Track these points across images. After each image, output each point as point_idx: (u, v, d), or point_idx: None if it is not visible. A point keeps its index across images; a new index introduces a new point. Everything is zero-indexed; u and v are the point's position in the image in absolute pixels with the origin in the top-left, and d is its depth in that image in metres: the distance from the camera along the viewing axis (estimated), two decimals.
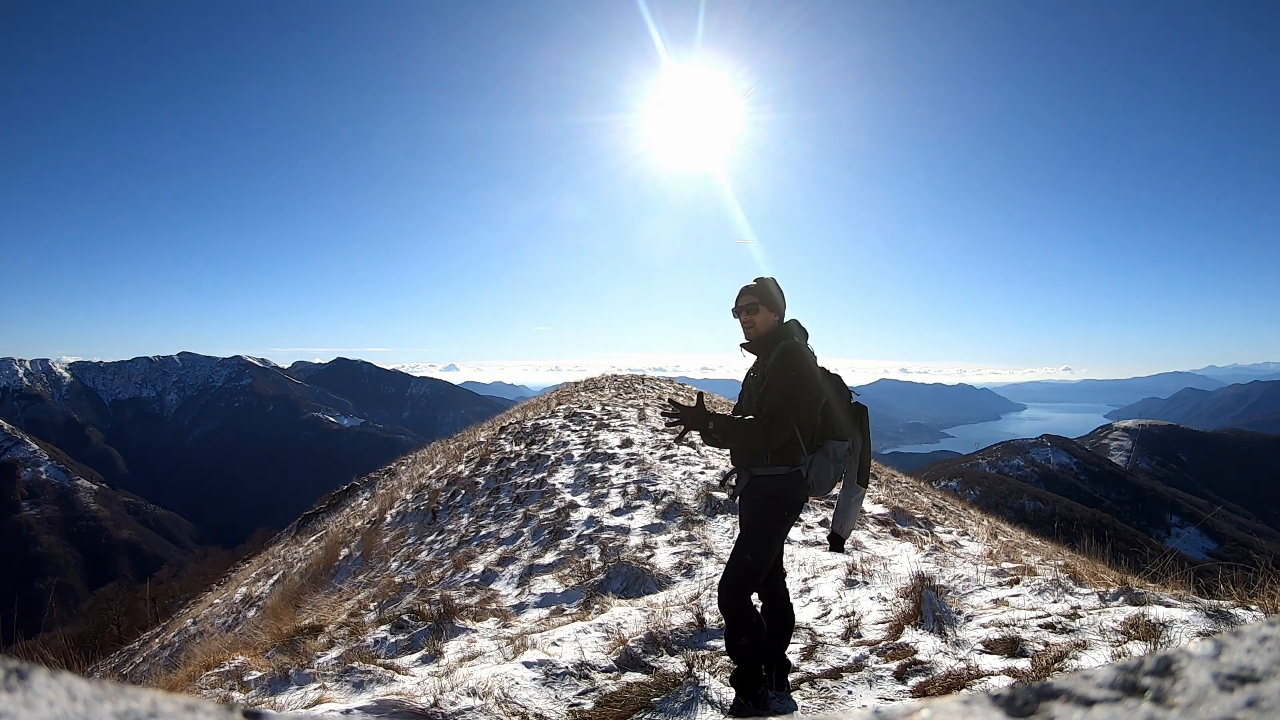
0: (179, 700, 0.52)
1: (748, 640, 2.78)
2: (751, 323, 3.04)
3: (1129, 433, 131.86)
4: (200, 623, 10.03)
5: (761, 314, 3.04)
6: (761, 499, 2.93)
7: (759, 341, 3.04)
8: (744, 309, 3.04)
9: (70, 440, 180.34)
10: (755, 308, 3.03)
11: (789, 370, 2.89)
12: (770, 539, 2.91)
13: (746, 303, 3.04)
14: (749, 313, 3.04)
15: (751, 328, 3.04)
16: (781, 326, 3.07)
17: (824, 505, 7.35)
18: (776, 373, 2.89)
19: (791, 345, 2.95)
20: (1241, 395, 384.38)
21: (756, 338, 3.04)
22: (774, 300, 3.05)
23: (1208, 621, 2.92)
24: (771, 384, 2.89)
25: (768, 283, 3.08)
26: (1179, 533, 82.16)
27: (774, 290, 3.08)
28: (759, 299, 3.04)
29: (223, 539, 48.75)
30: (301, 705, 3.47)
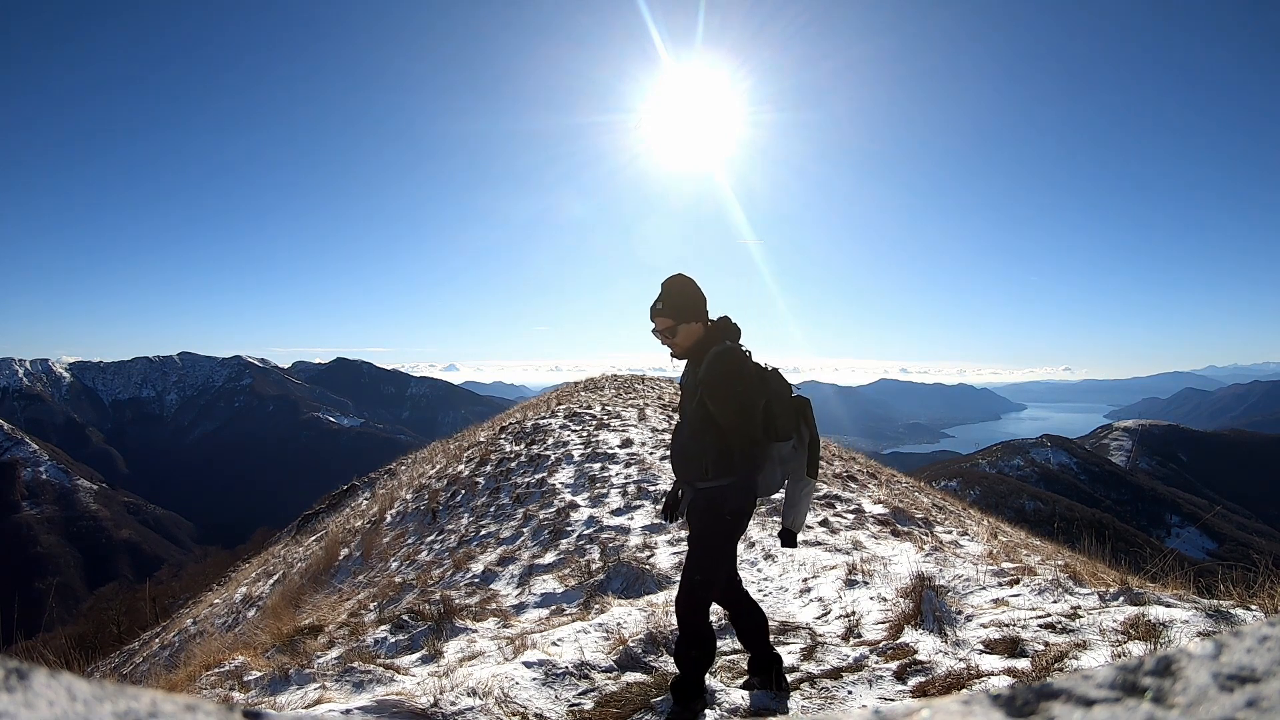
0: (179, 700, 0.52)
1: (698, 653, 2.77)
2: (673, 344, 2.86)
3: (1129, 433, 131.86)
4: (200, 623, 10.03)
5: (681, 332, 2.83)
6: (706, 513, 2.81)
7: (688, 353, 2.88)
8: (662, 333, 2.84)
9: (70, 440, 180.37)
10: (673, 330, 2.82)
11: (726, 377, 2.74)
12: (719, 553, 2.81)
13: (663, 327, 2.83)
14: (669, 336, 2.85)
15: (675, 348, 2.87)
16: (710, 331, 2.88)
17: (824, 505, 7.35)
18: (712, 382, 2.73)
19: (724, 351, 2.78)
20: (1241, 395, 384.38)
21: (684, 352, 2.88)
22: (690, 310, 2.81)
23: (1208, 621, 2.92)
24: (712, 394, 2.72)
25: (678, 294, 2.81)
26: (1179, 533, 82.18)
27: (688, 298, 2.82)
28: (674, 319, 2.81)
29: (223, 539, 48.77)
30: (301, 705, 3.47)
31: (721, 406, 2.72)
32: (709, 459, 2.76)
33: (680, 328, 2.80)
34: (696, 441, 2.78)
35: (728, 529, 2.79)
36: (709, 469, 2.77)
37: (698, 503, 2.83)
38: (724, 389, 2.73)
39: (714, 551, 2.80)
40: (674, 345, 2.85)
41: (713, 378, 2.74)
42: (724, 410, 2.71)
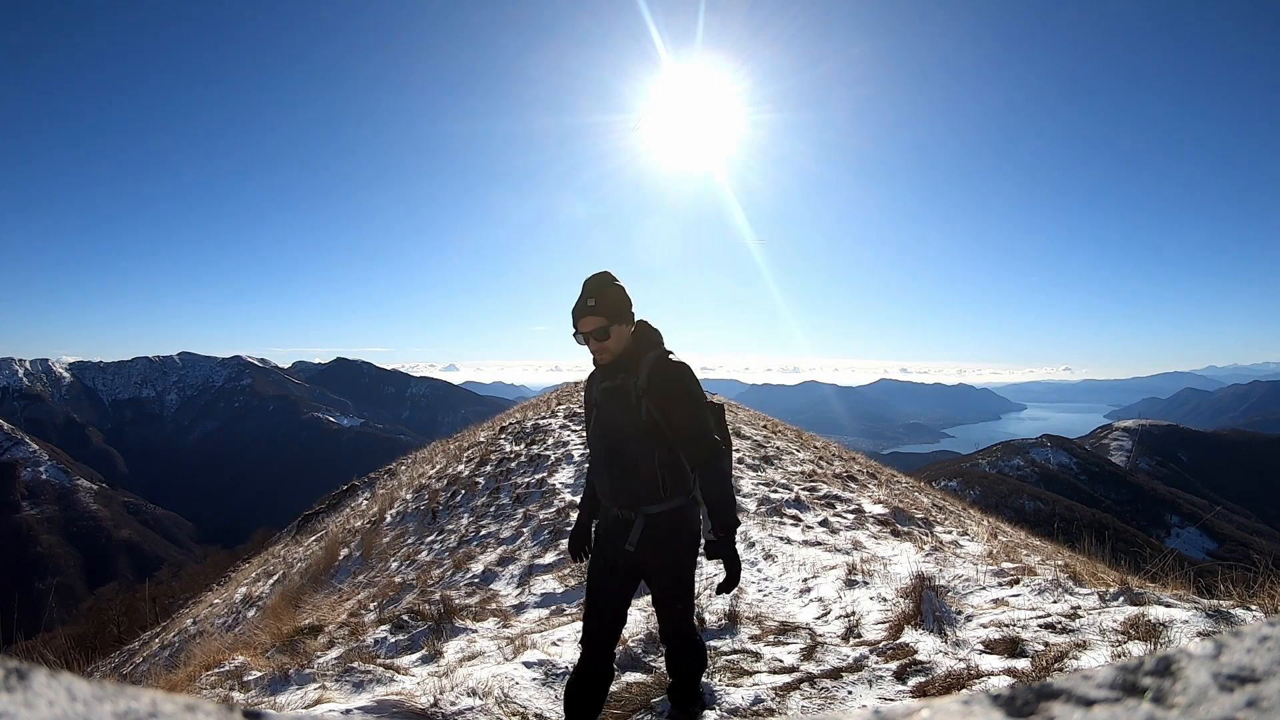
0: (179, 700, 0.52)
1: (695, 662, 2.71)
2: (604, 348, 2.47)
3: (1129, 433, 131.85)
4: (200, 623, 10.02)
5: (614, 334, 2.46)
6: (673, 540, 2.49)
7: (619, 363, 2.50)
8: (592, 335, 2.46)
9: (70, 440, 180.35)
10: (605, 331, 2.45)
11: (688, 387, 2.47)
12: (692, 579, 2.57)
13: (594, 328, 2.44)
14: (598, 339, 2.46)
15: (605, 353, 2.48)
16: (639, 335, 2.55)
17: (823, 505, 7.34)
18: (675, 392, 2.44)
19: (674, 359, 2.51)
20: (1241, 395, 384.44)
21: (615, 360, 2.50)
22: (624, 311, 2.48)
23: (1208, 621, 2.92)
24: (677, 405, 2.44)
25: (611, 291, 2.47)
26: (1179, 533, 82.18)
27: (621, 297, 2.48)
28: (607, 319, 2.44)
29: (223, 539, 48.78)
30: (301, 705, 3.47)
31: (693, 420, 2.43)
32: (665, 477, 2.44)
33: (613, 329, 2.45)
34: (647, 459, 2.43)
35: (693, 554, 2.54)
36: (665, 489, 2.45)
37: (658, 529, 2.47)
38: (690, 399, 2.46)
39: (689, 579, 2.56)
40: (603, 350, 2.47)
41: (674, 387, 2.44)
42: (696, 423, 2.43)
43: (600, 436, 2.53)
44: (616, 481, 2.48)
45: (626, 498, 2.48)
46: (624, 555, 2.50)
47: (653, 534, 2.46)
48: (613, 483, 2.49)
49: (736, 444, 10.51)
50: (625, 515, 2.50)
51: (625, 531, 2.49)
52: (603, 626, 2.53)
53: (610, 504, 2.54)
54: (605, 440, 2.51)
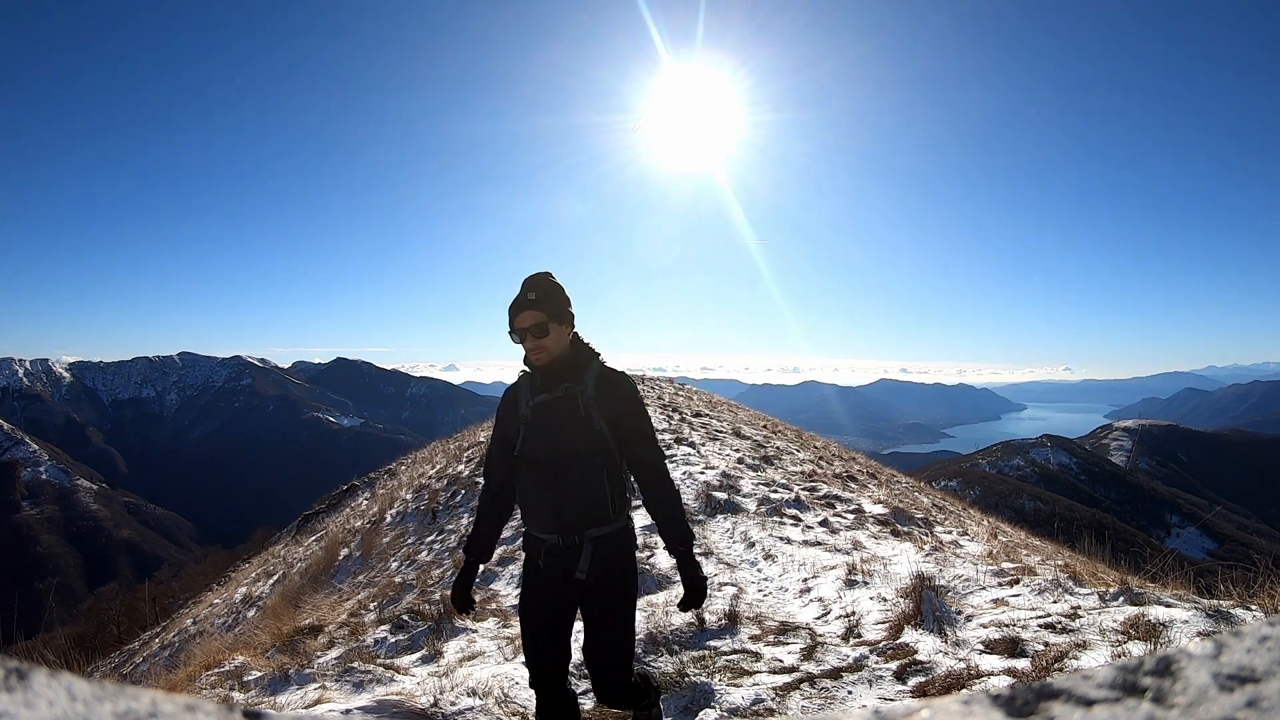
0: (179, 700, 0.52)
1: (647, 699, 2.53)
2: (541, 347, 2.24)
3: (1129, 433, 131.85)
4: (200, 623, 10.02)
5: (553, 333, 2.24)
6: (621, 566, 2.30)
7: (555, 365, 2.27)
8: (530, 331, 2.24)
9: (70, 440, 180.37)
10: (544, 328, 2.23)
11: (638, 396, 2.34)
12: (634, 614, 2.37)
13: (532, 323, 2.23)
14: (536, 335, 2.23)
15: (542, 352, 2.25)
16: (579, 343, 2.36)
17: (823, 505, 7.34)
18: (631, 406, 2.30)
19: (620, 372, 2.36)
20: (1241, 395, 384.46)
21: (551, 362, 2.26)
22: (564, 311, 2.28)
23: (1208, 621, 2.92)
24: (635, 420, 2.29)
25: (552, 289, 2.28)
26: (1179, 533, 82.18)
27: (562, 296, 2.30)
28: (547, 314, 2.23)
29: (223, 539, 48.78)
30: (301, 705, 3.47)
31: (645, 428, 2.30)
32: (614, 496, 2.25)
33: (552, 327, 2.24)
34: (597, 477, 2.22)
35: (636, 581, 2.37)
36: (613, 509, 2.25)
37: (607, 554, 2.27)
38: (642, 408, 2.32)
39: (634, 609, 2.36)
40: (540, 349, 2.24)
41: (625, 395, 2.30)
42: (648, 431, 2.31)
43: (542, 453, 2.26)
44: (561, 503, 2.23)
45: (571, 521, 2.24)
46: (569, 585, 2.27)
47: (602, 560, 2.25)
48: (556, 504, 2.24)
49: (736, 444, 10.51)
50: (567, 541, 2.24)
51: (569, 559, 2.25)
52: (555, 667, 2.34)
53: (548, 529, 2.27)
54: (550, 457, 2.25)
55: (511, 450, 2.34)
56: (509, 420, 2.38)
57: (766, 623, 4.13)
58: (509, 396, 2.43)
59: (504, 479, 2.43)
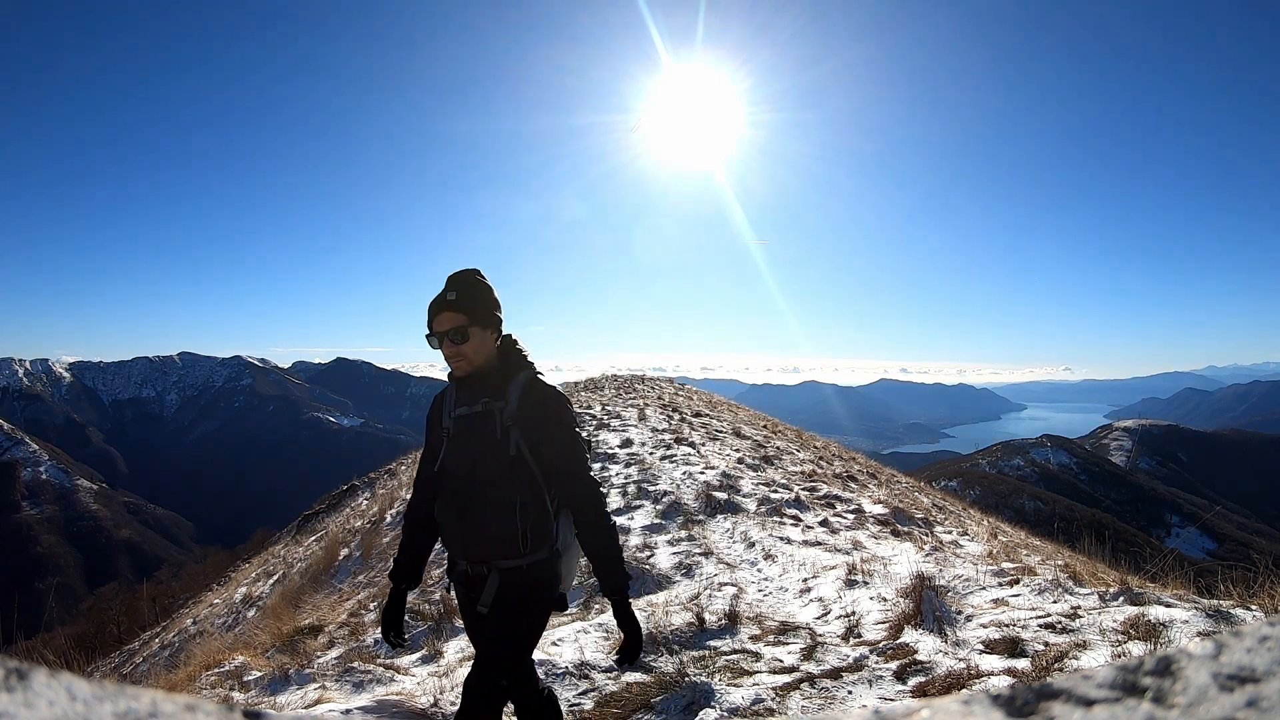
0: (179, 700, 0.52)
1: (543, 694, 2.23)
2: (460, 354, 2.01)
3: (1129, 433, 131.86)
4: (200, 623, 10.02)
5: (474, 339, 2.02)
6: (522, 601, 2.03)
7: (477, 376, 2.05)
8: (448, 336, 2.01)
9: (70, 440, 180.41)
10: (464, 333, 2.00)
11: (566, 417, 2.08)
12: (532, 649, 2.12)
13: (450, 327, 2.00)
14: (455, 341, 2.01)
15: (461, 360, 2.02)
16: (504, 350, 2.12)
17: (823, 505, 7.34)
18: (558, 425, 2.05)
19: (551, 385, 2.10)
20: (1241, 395, 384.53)
21: (473, 372, 2.04)
22: (489, 315, 2.05)
23: (1208, 621, 2.92)
24: (548, 439, 2.03)
25: (477, 289, 2.05)
26: (1179, 533, 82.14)
27: (488, 298, 2.07)
28: (469, 318, 2.00)
29: (223, 539, 48.80)
30: (301, 705, 3.47)
31: (571, 455, 2.05)
32: (528, 528, 2.00)
33: (474, 332, 2.01)
34: (508, 504, 1.99)
35: (549, 613, 2.14)
36: (526, 541, 2.01)
37: (515, 588, 2.02)
38: (569, 432, 2.07)
39: (530, 649, 2.10)
40: (458, 356, 2.01)
41: (550, 415, 2.05)
42: (574, 460, 2.05)
43: (459, 472, 2.03)
44: (469, 530, 2.02)
45: (479, 550, 2.03)
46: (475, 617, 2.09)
47: (508, 593, 2.02)
48: (464, 531, 2.03)
49: (736, 444, 10.51)
50: (475, 570, 2.04)
51: (476, 589, 2.05)
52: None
53: (459, 554, 2.07)
54: (465, 477, 2.02)
55: (433, 464, 2.15)
56: (433, 430, 2.18)
57: (766, 623, 4.13)
58: (436, 403, 2.21)
59: (432, 495, 2.18)
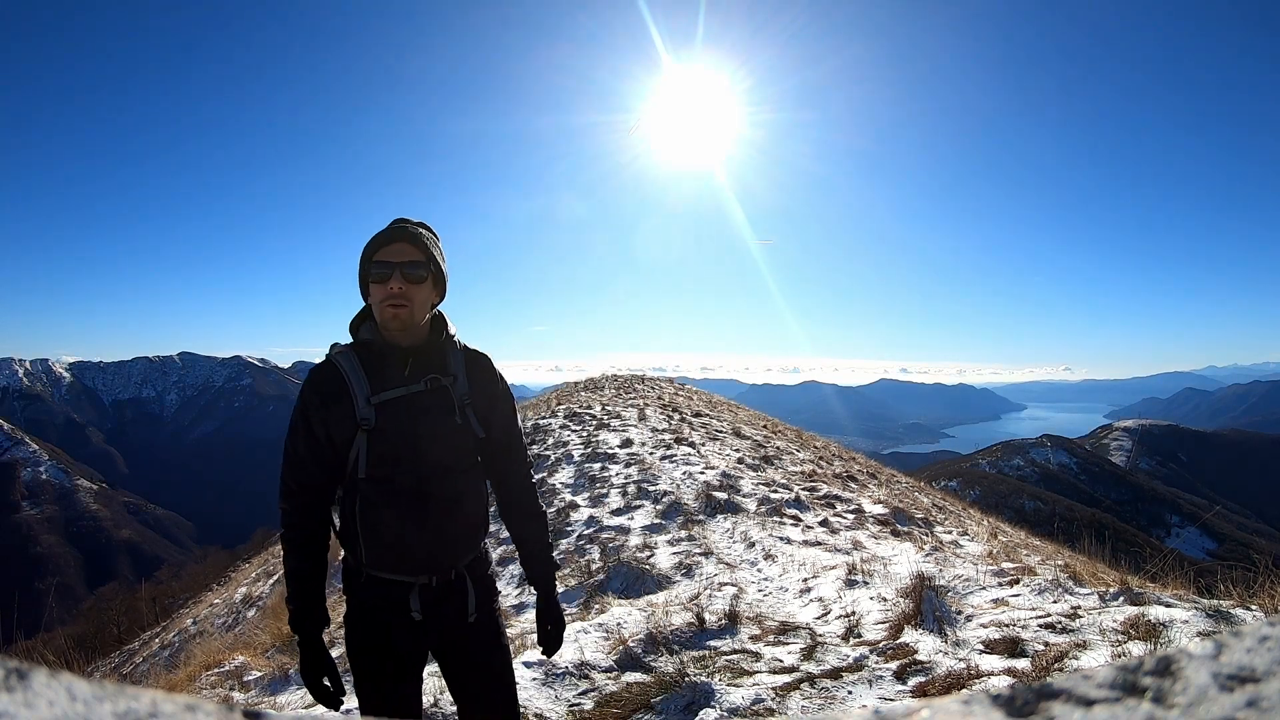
0: (179, 700, 0.52)
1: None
2: (408, 298, 1.62)
3: (1129, 433, 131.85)
4: (200, 623, 10.02)
5: (425, 288, 1.66)
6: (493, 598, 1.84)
7: (409, 341, 1.67)
8: (401, 269, 1.62)
9: (70, 440, 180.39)
10: (420, 273, 1.64)
11: (512, 397, 1.86)
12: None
13: (407, 259, 1.63)
14: (410, 279, 1.63)
15: (405, 307, 1.62)
16: (439, 320, 1.77)
17: (823, 505, 7.34)
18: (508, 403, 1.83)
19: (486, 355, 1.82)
20: (1241, 395, 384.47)
21: (410, 325, 1.65)
22: (441, 268, 1.72)
23: (1208, 621, 2.92)
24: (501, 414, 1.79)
25: (436, 239, 1.73)
26: (1179, 532, 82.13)
27: (441, 253, 1.74)
28: (425, 257, 1.66)
29: (223, 539, 48.79)
30: (301, 705, 3.47)
31: (517, 430, 1.85)
32: (486, 515, 1.81)
33: (428, 279, 1.66)
34: (477, 494, 1.76)
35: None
36: (484, 531, 1.81)
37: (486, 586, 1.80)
38: (514, 404, 1.86)
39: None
40: (405, 301, 1.62)
41: (500, 387, 1.81)
42: (520, 435, 1.86)
43: (403, 472, 1.64)
44: (441, 536, 1.68)
45: (451, 557, 1.71)
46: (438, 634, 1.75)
47: (486, 600, 1.78)
48: (430, 537, 1.66)
49: (736, 444, 10.51)
50: (443, 579, 1.71)
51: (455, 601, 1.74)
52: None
53: (418, 569, 1.67)
54: (413, 476, 1.64)
55: (335, 467, 1.67)
56: (331, 422, 1.63)
57: (766, 623, 4.13)
58: (323, 388, 1.65)
59: (323, 512, 1.72)
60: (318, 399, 1.65)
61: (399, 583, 1.68)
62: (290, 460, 1.71)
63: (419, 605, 1.68)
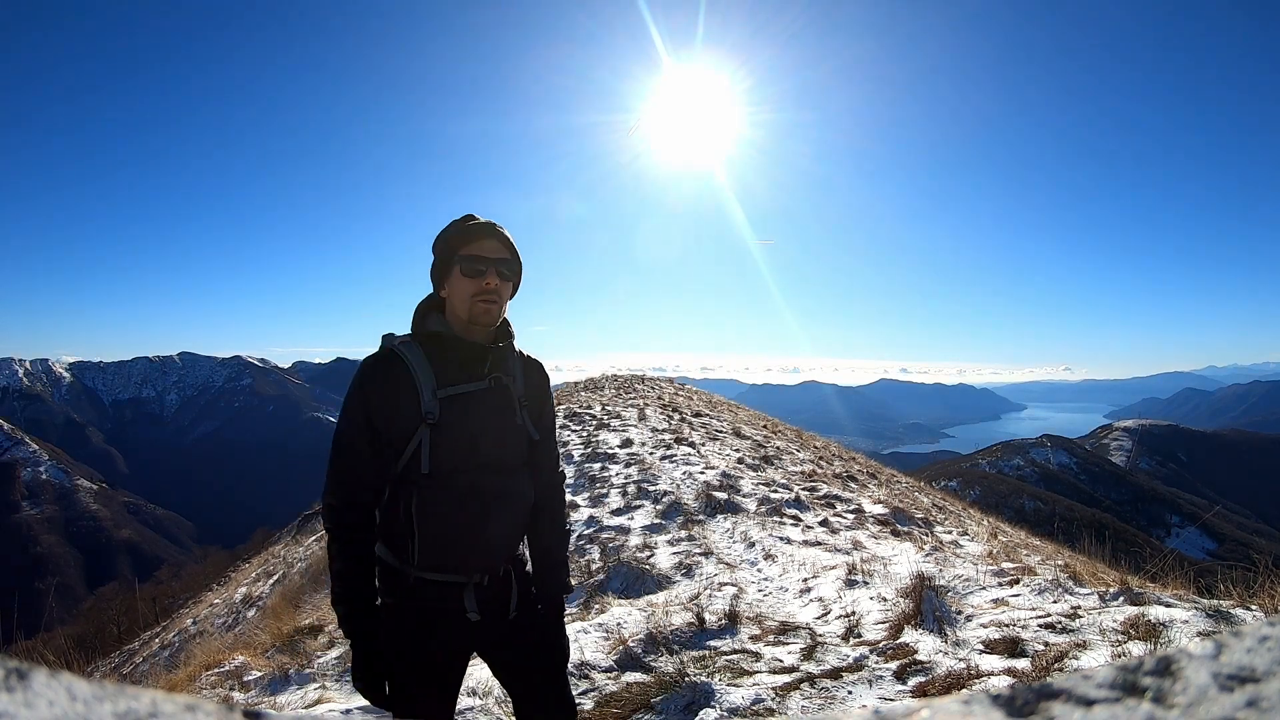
0: (179, 700, 0.52)
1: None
2: (499, 295, 1.66)
3: (1129, 433, 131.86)
4: (200, 623, 10.02)
5: (510, 287, 1.71)
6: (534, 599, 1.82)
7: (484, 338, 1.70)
8: (496, 266, 1.64)
9: (70, 440, 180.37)
10: (512, 270, 1.69)
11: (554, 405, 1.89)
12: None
13: (501, 257, 1.66)
14: (504, 276, 1.67)
15: (497, 303, 1.65)
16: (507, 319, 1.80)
17: (823, 505, 7.34)
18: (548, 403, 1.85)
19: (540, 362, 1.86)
20: (1241, 395, 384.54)
21: (495, 321, 1.68)
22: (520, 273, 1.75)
23: (1208, 621, 2.92)
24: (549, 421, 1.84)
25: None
26: (1179, 533, 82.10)
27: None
28: (513, 257, 1.69)
29: (223, 539, 48.78)
30: (301, 705, 3.47)
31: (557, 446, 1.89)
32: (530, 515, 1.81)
33: (508, 288, 1.71)
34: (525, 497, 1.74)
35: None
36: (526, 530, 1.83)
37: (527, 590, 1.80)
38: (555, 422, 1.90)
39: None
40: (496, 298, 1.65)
41: (549, 393, 1.86)
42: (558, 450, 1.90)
43: (464, 468, 1.61)
44: (499, 530, 1.67)
45: (505, 552, 1.71)
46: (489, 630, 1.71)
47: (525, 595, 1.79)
48: (489, 534, 1.65)
49: (736, 444, 10.51)
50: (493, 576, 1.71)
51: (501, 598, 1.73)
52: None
53: (474, 566, 1.65)
54: (473, 473, 1.62)
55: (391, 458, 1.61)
56: (396, 413, 1.59)
57: (766, 623, 4.13)
58: (387, 378, 1.60)
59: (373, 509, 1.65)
60: (380, 389, 1.60)
61: (452, 584, 1.64)
62: (344, 453, 1.61)
63: (474, 604, 1.66)
